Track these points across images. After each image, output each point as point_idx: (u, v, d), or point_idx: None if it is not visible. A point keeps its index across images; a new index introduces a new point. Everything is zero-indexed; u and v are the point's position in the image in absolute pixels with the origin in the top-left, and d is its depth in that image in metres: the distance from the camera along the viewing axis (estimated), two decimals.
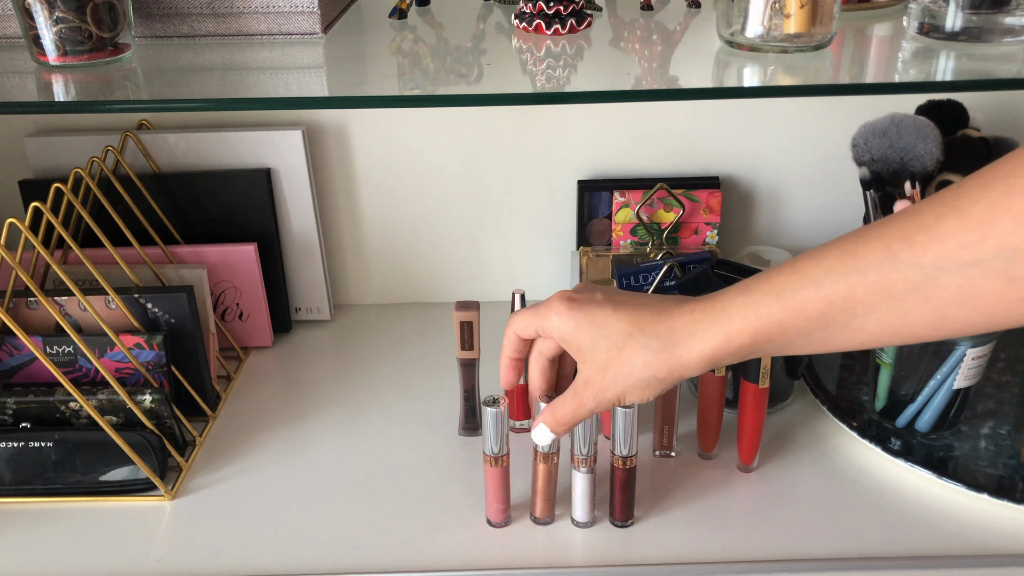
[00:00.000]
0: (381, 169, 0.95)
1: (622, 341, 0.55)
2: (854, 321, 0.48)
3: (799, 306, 0.49)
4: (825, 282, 0.48)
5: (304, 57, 0.67)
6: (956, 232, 0.43)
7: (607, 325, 0.55)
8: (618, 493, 0.68)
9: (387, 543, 0.68)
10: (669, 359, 0.53)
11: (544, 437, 0.62)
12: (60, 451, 0.72)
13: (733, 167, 0.95)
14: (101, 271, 0.76)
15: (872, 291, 0.46)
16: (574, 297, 0.57)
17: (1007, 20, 0.63)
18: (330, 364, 0.92)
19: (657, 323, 0.54)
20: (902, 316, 0.46)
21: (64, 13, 0.62)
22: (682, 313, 0.54)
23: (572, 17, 0.69)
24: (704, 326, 0.52)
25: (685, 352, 0.53)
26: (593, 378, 0.56)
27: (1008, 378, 0.84)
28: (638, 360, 0.54)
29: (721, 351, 0.52)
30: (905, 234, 0.45)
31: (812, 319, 0.49)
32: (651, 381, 0.55)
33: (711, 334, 0.52)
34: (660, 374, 0.54)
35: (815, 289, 0.48)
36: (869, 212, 0.77)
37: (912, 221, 0.46)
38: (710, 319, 0.52)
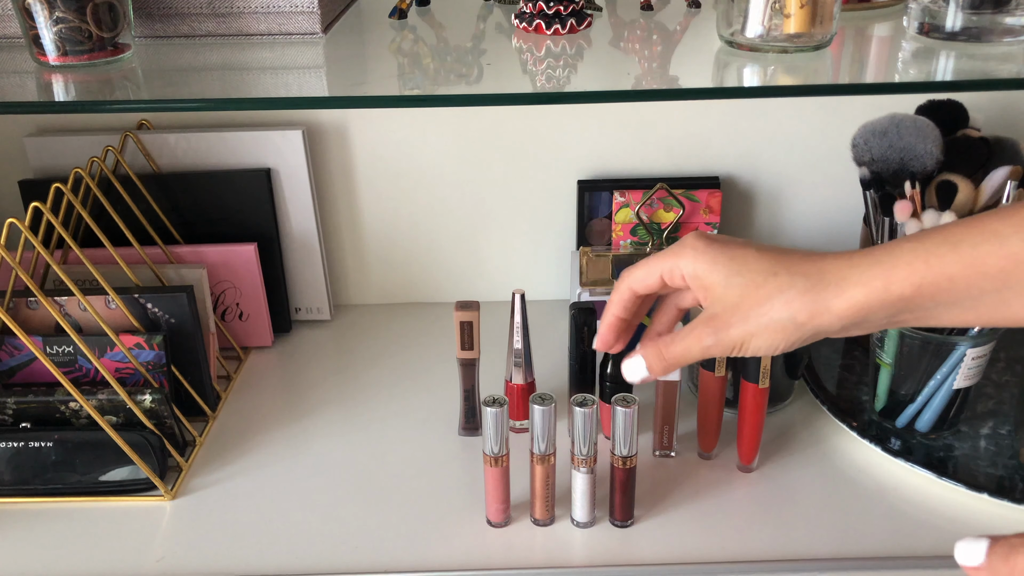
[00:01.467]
0: (381, 169, 0.95)
1: (762, 279, 0.49)
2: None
3: (978, 260, 0.44)
4: (1013, 238, 0.43)
5: (304, 57, 0.67)
6: None
7: (748, 262, 0.49)
8: (618, 493, 0.68)
9: (387, 543, 0.68)
10: (815, 301, 0.47)
11: (637, 372, 0.55)
12: (60, 451, 0.72)
13: (733, 167, 0.95)
14: (101, 271, 0.76)
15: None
16: (712, 236, 0.51)
17: (1007, 20, 0.63)
18: (330, 364, 0.92)
19: (807, 263, 0.48)
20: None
21: (64, 13, 0.62)
22: (837, 257, 0.48)
23: (572, 17, 0.69)
24: (862, 269, 0.47)
25: (835, 295, 0.47)
26: (719, 315, 0.50)
27: (1008, 378, 0.84)
28: (779, 299, 0.48)
29: (876, 301, 0.46)
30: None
31: (990, 276, 0.44)
32: (787, 325, 0.48)
33: (869, 277, 0.46)
34: (800, 317, 0.47)
35: (999, 244, 0.44)
36: (869, 212, 0.77)
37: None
38: (869, 262, 0.47)
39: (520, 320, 0.75)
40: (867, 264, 0.47)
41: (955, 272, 0.45)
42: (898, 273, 0.46)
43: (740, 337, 0.49)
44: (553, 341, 0.91)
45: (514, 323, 0.76)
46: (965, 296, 0.45)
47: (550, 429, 0.66)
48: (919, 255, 0.45)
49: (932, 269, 0.45)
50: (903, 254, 0.46)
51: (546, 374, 0.85)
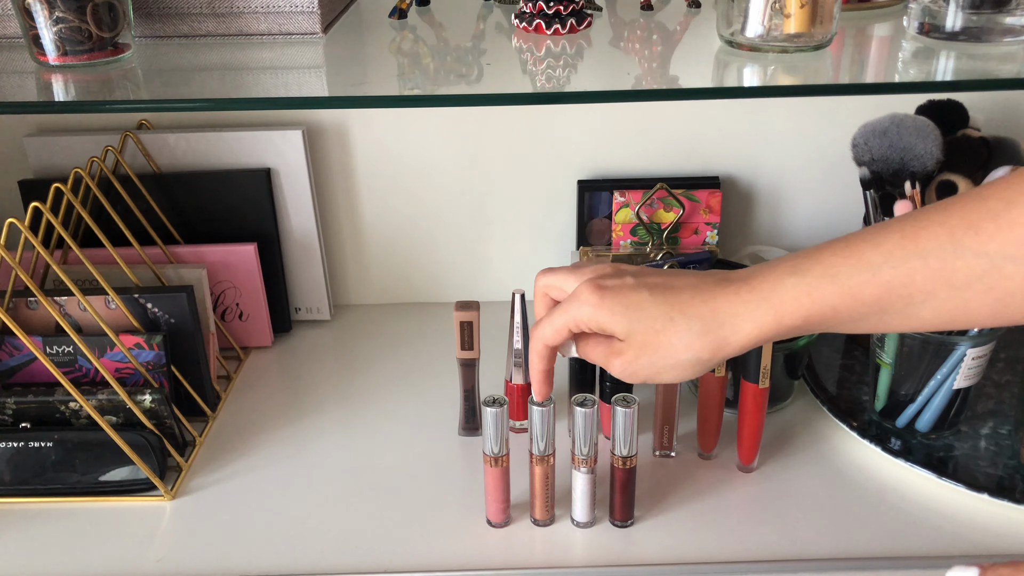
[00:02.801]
0: (381, 169, 0.95)
1: (660, 324, 0.51)
2: (910, 308, 0.46)
3: (855, 291, 0.47)
4: (884, 267, 0.46)
5: (304, 57, 0.67)
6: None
7: (643, 308, 0.52)
8: (618, 493, 0.68)
9: (387, 543, 0.68)
10: (714, 340, 0.50)
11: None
12: (60, 451, 0.72)
13: (733, 167, 0.95)
14: (101, 271, 0.76)
15: (933, 278, 0.45)
16: (603, 284, 0.53)
17: (1007, 20, 0.63)
18: (330, 364, 0.92)
19: (699, 304, 0.51)
20: (962, 304, 0.45)
21: (64, 13, 0.62)
22: (727, 294, 0.51)
23: (572, 17, 0.69)
24: (752, 307, 0.50)
25: (731, 334, 0.50)
26: (626, 352, 0.53)
27: (1008, 378, 0.84)
28: (680, 343, 0.51)
29: (770, 332, 0.50)
30: (970, 221, 0.44)
31: (868, 304, 0.47)
32: (693, 363, 0.52)
33: (759, 315, 0.49)
34: (704, 356, 0.51)
35: (872, 274, 0.46)
36: (869, 212, 0.77)
37: (978, 207, 0.44)
38: (758, 299, 0.50)
39: (520, 320, 0.75)
40: (756, 302, 0.50)
41: (836, 303, 0.48)
42: (785, 308, 0.49)
43: (649, 375, 0.53)
44: None
45: (514, 323, 0.76)
46: (848, 320, 0.49)
47: (550, 429, 0.66)
48: (802, 289, 0.48)
49: (815, 303, 0.48)
50: (788, 289, 0.49)
51: None
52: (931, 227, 0.45)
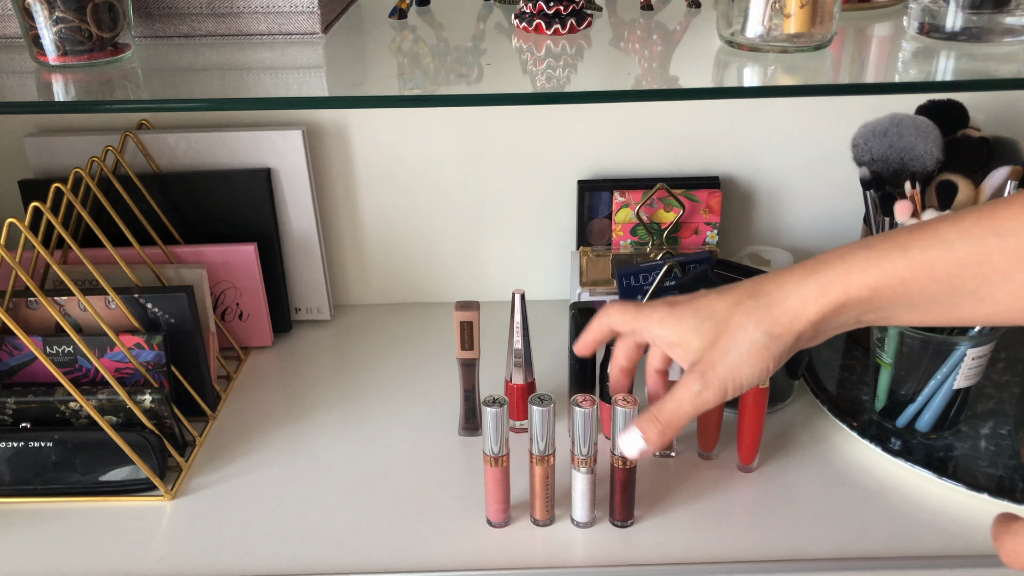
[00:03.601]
0: (381, 169, 0.95)
1: (728, 312, 0.51)
2: (984, 289, 0.45)
3: (928, 265, 0.46)
4: (958, 243, 0.45)
5: (304, 57, 0.67)
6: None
7: (710, 306, 0.53)
8: (618, 493, 0.68)
9: (387, 543, 0.68)
10: (784, 312, 0.49)
11: (634, 445, 0.55)
12: (60, 451, 0.72)
13: (733, 167, 0.95)
14: (101, 271, 0.76)
15: (1010, 259, 0.44)
16: (672, 300, 0.55)
17: (1007, 20, 0.63)
18: (330, 364, 0.92)
19: (767, 283, 0.51)
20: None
21: (64, 13, 0.62)
22: (794, 271, 0.50)
23: (572, 17, 0.69)
24: (819, 276, 0.49)
25: (799, 303, 0.49)
26: (700, 360, 0.52)
27: (1008, 378, 0.84)
28: (749, 322, 0.50)
29: (836, 303, 0.49)
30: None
31: (939, 281, 0.46)
32: (767, 342, 0.50)
33: (827, 283, 0.49)
34: (776, 330, 0.50)
35: (946, 250, 0.45)
36: (869, 212, 0.77)
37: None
38: (826, 269, 0.49)
39: (520, 320, 0.75)
40: (824, 271, 0.49)
41: (907, 276, 0.47)
42: (853, 278, 0.48)
43: (727, 371, 0.51)
44: (553, 341, 0.91)
45: (514, 323, 0.76)
46: (919, 299, 0.47)
47: (549, 429, 0.66)
48: (872, 260, 0.48)
49: (885, 273, 0.47)
50: (857, 260, 0.48)
51: (546, 374, 0.85)
52: (1012, 207, 0.45)
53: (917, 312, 0.48)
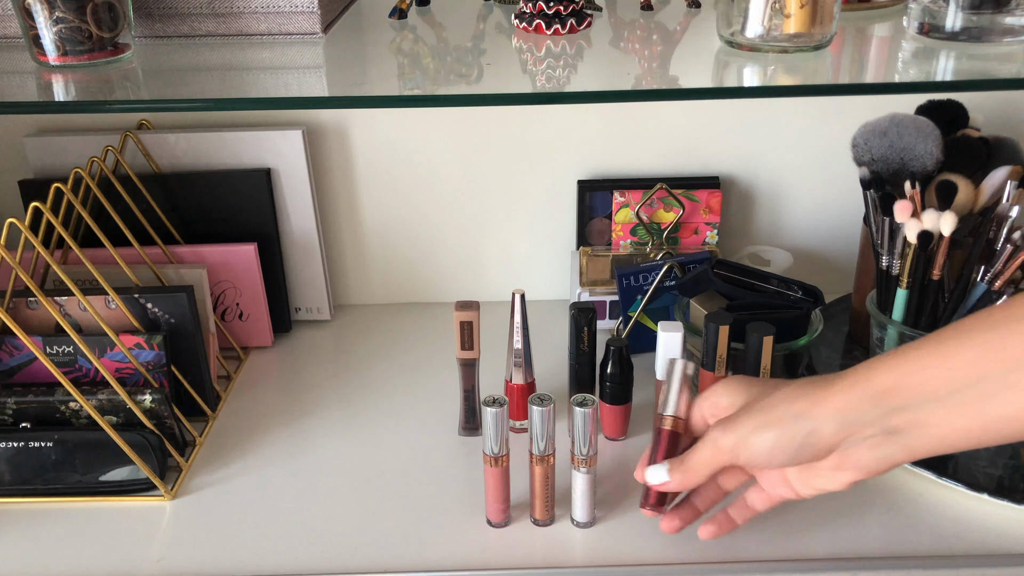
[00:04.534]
0: (381, 169, 0.95)
1: (774, 388, 0.56)
2: (1013, 375, 0.47)
3: (945, 354, 0.49)
4: (974, 329, 0.49)
5: (304, 57, 0.67)
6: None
7: (771, 383, 0.58)
8: (661, 456, 0.62)
9: (387, 543, 0.68)
10: (814, 392, 0.54)
11: (658, 476, 0.60)
12: (60, 451, 0.72)
13: (733, 167, 0.95)
14: (101, 271, 0.76)
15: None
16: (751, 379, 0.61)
17: (1007, 20, 0.63)
18: (330, 364, 0.92)
19: (820, 379, 0.55)
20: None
21: (64, 13, 0.62)
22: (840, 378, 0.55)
23: (572, 17, 0.69)
24: (851, 371, 0.53)
25: (827, 388, 0.54)
26: (731, 416, 0.57)
27: None
28: (783, 395, 0.54)
29: (859, 392, 0.52)
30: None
31: (958, 368, 0.48)
32: (786, 417, 0.54)
33: (852, 375, 0.53)
34: (797, 407, 0.54)
35: (962, 337, 0.49)
36: (869, 212, 0.77)
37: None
38: (852, 369, 0.53)
39: (520, 320, 0.75)
40: (862, 369, 0.52)
41: (927, 363, 0.49)
42: (880, 365, 0.51)
43: (746, 431, 0.55)
44: (553, 341, 0.91)
45: (514, 323, 0.76)
46: (944, 391, 0.49)
47: (549, 429, 0.66)
48: (901, 354, 0.51)
49: (909, 360, 0.50)
50: (887, 356, 0.51)
51: (546, 374, 0.85)
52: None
53: (947, 409, 0.49)
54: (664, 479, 0.59)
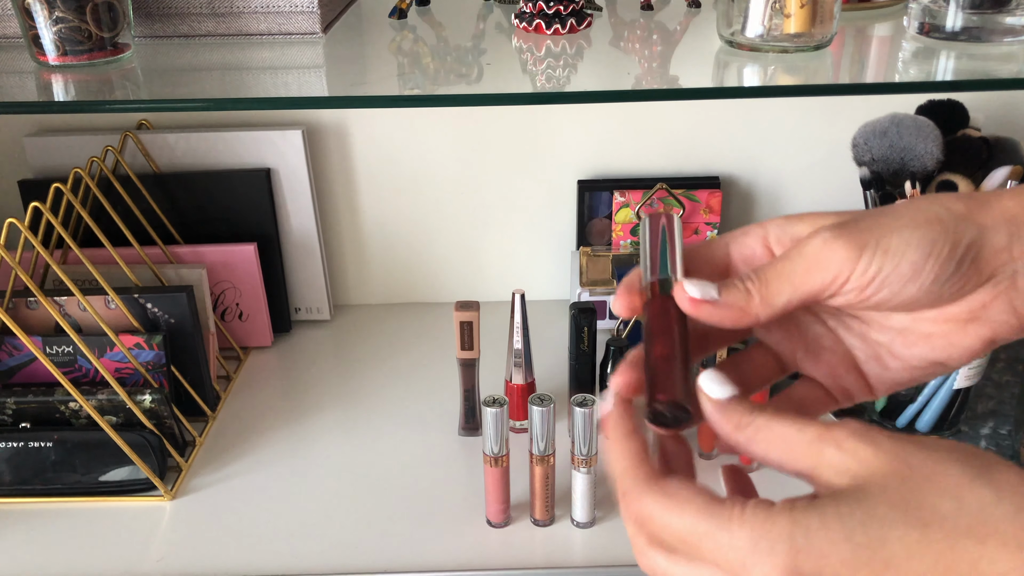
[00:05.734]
0: (381, 169, 0.95)
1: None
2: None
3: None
4: None
5: (304, 57, 0.67)
6: None
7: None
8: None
9: (387, 543, 0.68)
10: (971, 198, 0.36)
11: (705, 291, 0.35)
12: (60, 451, 0.72)
13: (733, 167, 0.95)
14: (101, 271, 0.76)
15: None
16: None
17: (1007, 20, 0.63)
18: (330, 364, 0.92)
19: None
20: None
21: (64, 13, 0.62)
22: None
23: (572, 17, 0.69)
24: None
25: (994, 196, 0.36)
26: (846, 220, 0.36)
27: (1008, 378, 0.84)
28: (927, 200, 0.36)
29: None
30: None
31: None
32: (943, 215, 0.35)
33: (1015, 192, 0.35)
34: (957, 208, 0.35)
35: None
36: None
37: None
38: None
39: (520, 320, 0.75)
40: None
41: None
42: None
43: (878, 231, 0.34)
44: (553, 341, 0.91)
45: (514, 323, 0.75)
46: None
47: (549, 429, 0.65)
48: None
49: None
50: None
51: (546, 374, 0.85)
52: None
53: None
54: (711, 295, 0.35)
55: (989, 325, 0.36)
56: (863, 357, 0.39)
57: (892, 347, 0.38)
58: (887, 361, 0.38)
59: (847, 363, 0.39)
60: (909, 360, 0.38)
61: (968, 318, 0.36)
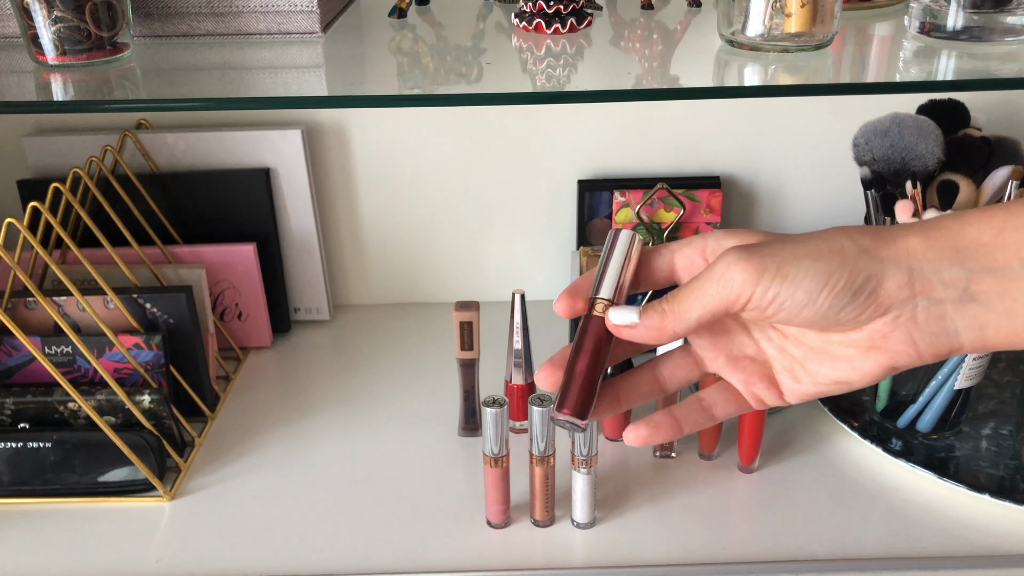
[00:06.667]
0: (381, 169, 0.95)
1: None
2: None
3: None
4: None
5: (303, 56, 0.67)
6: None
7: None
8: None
9: (387, 543, 0.68)
10: (879, 233, 0.39)
11: (625, 317, 0.40)
12: (59, 452, 0.72)
13: (733, 167, 0.95)
14: (100, 271, 0.76)
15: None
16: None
17: (1008, 19, 0.63)
18: (330, 364, 0.92)
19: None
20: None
21: (63, 12, 0.61)
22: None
23: (572, 16, 0.69)
24: (933, 222, 0.39)
25: (901, 229, 0.39)
26: (755, 244, 0.40)
27: (1009, 378, 0.84)
28: (834, 231, 0.40)
29: (945, 238, 0.38)
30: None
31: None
32: (846, 248, 0.38)
33: (937, 222, 0.39)
34: (863, 242, 0.39)
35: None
36: (870, 212, 0.76)
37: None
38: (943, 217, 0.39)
39: (520, 320, 0.75)
40: (938, 218, 0.39)
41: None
42: (972, 216, 0.38)
43: (785, 257, 0.38)
44: (553, 341, 0.91)
45: (514, 323, 0.75)
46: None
47: (549, 430, 0.65)
48: (999, 206, 0.38)
49: (1013, 214, 0.37)
50: (978, 209, 0.39)
51: None
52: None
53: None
54: (631, 320, 0.40)
55: (888, 354, 0.39)
56: (779, 368, 0.43)
57: (804, 363, 0.41)
58: (799, 375, 0.42)
59: (763, 372, 0.43)
60: (816, 376, 0.41)
61: (869, 345, 0.39)
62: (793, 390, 0.43)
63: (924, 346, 0.39)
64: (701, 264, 0.41)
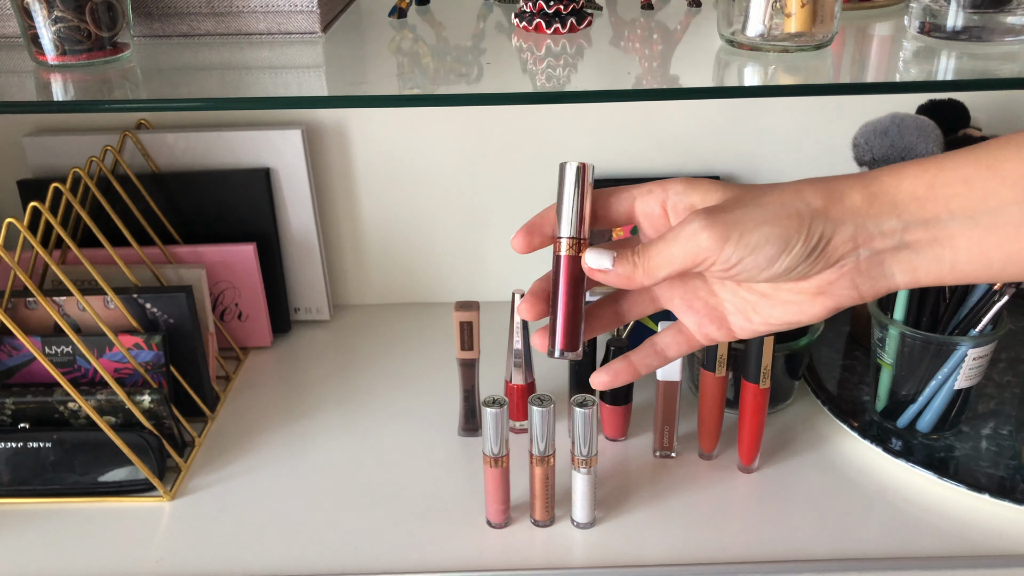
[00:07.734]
0: (381, 169, 0.95)
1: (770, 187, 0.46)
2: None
3: (996, 163, 0.41)
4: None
5: (303, 56, 0.67)
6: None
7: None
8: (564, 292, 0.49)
9: (387, 543, 0.68)
10: (830, 190, 0.43)
11: (600, 261, 0.45)
12: (59, 451, 0.72)
13: (733, 167, 0.95)
14: (100, 271, 0.76)
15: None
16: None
17: (1008, 19, 0.63)
18: (330, 364, 0.92)
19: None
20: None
21: (63, 12, 0.61)
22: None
23: (572, 16, 0.69)
24: (873, 175, 0.43)
25: (849, 187, 0.43)
26: (717, 205, 0.44)
27: (1009, 378, 0.84)
28: (789, 190, 0.44)
29: (889, 194, 0.43)
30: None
31: (1010, 183, 0.41)
32: (801, 211, 0.43)
33: (880, 175, 0.43)
34: (815, 203, 0.43)
35: (1018, 149, 0.41)
36: None
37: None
38: (880, 169, 0.43)
39: (520, 320, 0.75)
40: (877, 172, 0.43)
41: (970, 173, 0.41)
42: (908, 171, 0.42)
43: (747, 225, 0.41)
44: None
45: (514, 323, 0.75)
46: (984, 207, 0.41)
47: (549, 430, 0.65)
48: (931, 161, 0.42)
49: (944, 169, 0.41)
50: (913, 163, 0.43)
51: (546, 374, 0.85)
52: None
53: (979, 230, 0.41)
54: (606, 266, 0.45)
55: (833, 297, 0.44)
56: (732, 310, 0.47)
57: (757, 306, 0.46)
58: (751, 316, 0.47)
59: (715, 314, 0.48)
60: (768, 318, 0.46)
61: (816, 292, 0.44)
62: (744, 328, 0.47)
63: (865, 289, 0.43)
64: (660, 215, 0.46)
